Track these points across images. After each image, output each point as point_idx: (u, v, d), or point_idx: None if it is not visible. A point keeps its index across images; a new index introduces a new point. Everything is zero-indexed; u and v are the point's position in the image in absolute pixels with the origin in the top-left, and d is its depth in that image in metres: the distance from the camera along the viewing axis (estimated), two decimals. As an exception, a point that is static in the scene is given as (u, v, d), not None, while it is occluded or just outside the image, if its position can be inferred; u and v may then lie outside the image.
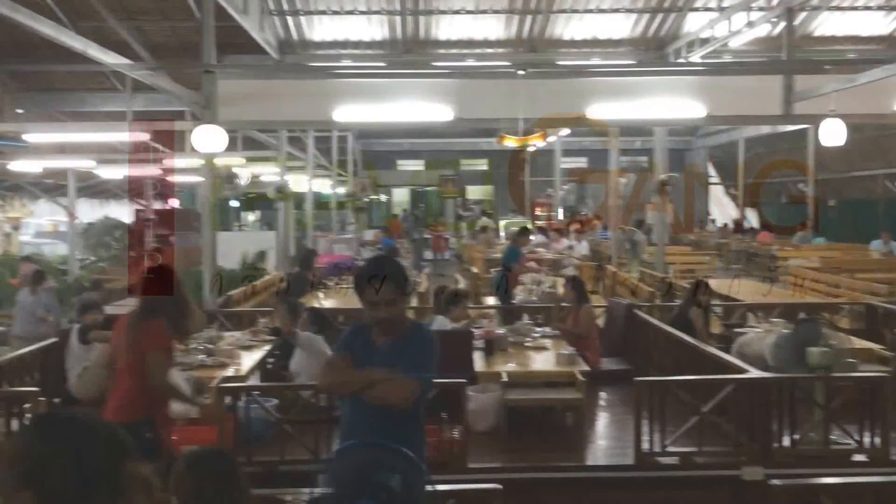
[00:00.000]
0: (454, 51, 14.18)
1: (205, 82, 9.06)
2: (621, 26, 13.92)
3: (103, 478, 1.58)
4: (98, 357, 6.13)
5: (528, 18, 13.51)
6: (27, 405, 4.97)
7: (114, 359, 4.43)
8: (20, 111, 13.42)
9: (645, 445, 5.25)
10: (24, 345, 7.45)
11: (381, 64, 13.51)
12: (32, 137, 11.10)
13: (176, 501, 2.63)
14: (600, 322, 8.49)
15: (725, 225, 23.22)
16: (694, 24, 13.50)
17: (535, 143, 9.32)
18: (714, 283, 9.39)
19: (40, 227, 24.01)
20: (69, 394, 6.42)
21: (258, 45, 11.98)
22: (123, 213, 24.06)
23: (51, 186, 16.96)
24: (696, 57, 12.63)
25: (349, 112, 9.16)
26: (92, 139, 12.30)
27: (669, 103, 9.02)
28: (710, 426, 5.38)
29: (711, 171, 28.28)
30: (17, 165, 12.73)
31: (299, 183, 16.61)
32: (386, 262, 3.68)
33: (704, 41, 12.74)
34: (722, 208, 28.17)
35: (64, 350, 6.65)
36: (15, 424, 4.92)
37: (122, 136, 12.41)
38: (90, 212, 21.79)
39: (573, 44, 14.26)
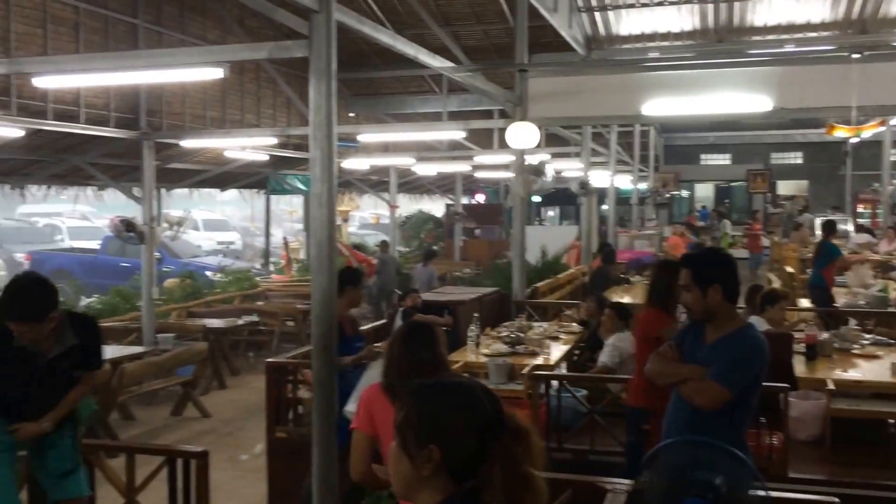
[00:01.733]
0: (771, 37, 13.37)
1: (518, 81, 9.41)
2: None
3: (492, 427, 1.75)
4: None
5: (858, -3, 12.38)
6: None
7: None
8: (352, 114, 14.82)
9: None
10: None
11: (691, 54, 13.10)
12: (363, 138, 12.23)
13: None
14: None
15: None
16: None
17: (867, 132, 8.55)
18: None
19: (364, 219, 26.37)
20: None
21: (565, 42, 12.17)
22: (435, 207, 25.70)
23: (375, 182, 18.53)
24: None
25: (658, 106, 9.01)
26: (412, 138, 13.27)
27: None
28: None
29: None
30: (350, 163, 14.08)
31: (601, 178, 16.63)
32: (690, 257, 3.80)
33: None
34: None
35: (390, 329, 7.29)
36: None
37: (439, 134, 13.26)
38: (407, 205, 23.50)
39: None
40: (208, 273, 16.29)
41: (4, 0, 8.26)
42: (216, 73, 5.40)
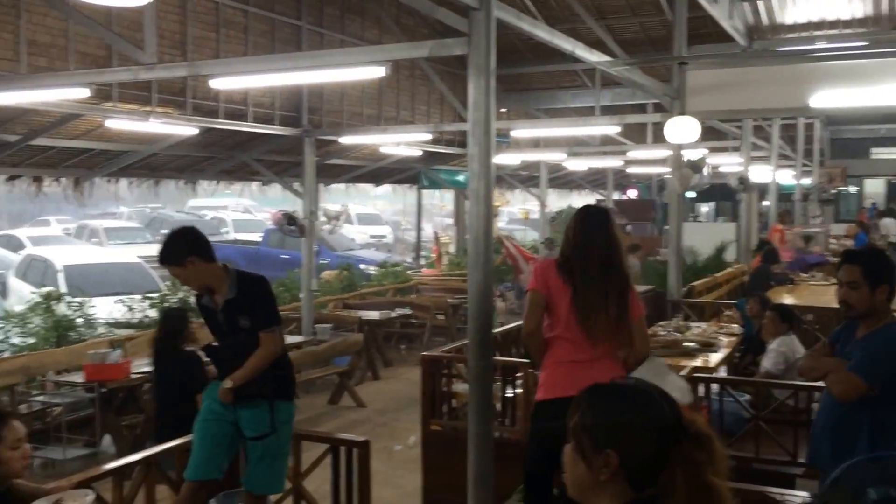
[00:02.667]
0: (955, 22, 12.38)
1: (676, 74, 9.14)
2: None
3: (672, 433, 1.69)
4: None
5: None
6: (519, 374, 5.52)
7: None
8: (503, 110, 14.86)
9: None
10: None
11: (864, 43, 12.31)
12: (515, 133, 12.26)
13: None
14: None
15: None
16: None
17: None
18: None
19: (513, 214, 26.43)
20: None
21: (725, 33, 11.72)
22: (584, 202, 25.42)
23: (525, 178, 18.52)
24: None
25: (828, 97, 8.53)
26: (563, 133, 13.16)
27: None
28: None
29: None
30: (501, 159, 14.14)
31: (761, 173, 15.92)
32: (860, 254, 3.75)
33: None
34: None
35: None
36: (509, 391, 5.49)
37: (591, 129, 13.08)
38: (556, 201, 23.37)
39: None
40: (362, 266, 16.80)
41: (182, 6, 8.81)
42: (378, 72, 5.54)
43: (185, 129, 9.14)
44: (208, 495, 4.27)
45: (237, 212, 33.78)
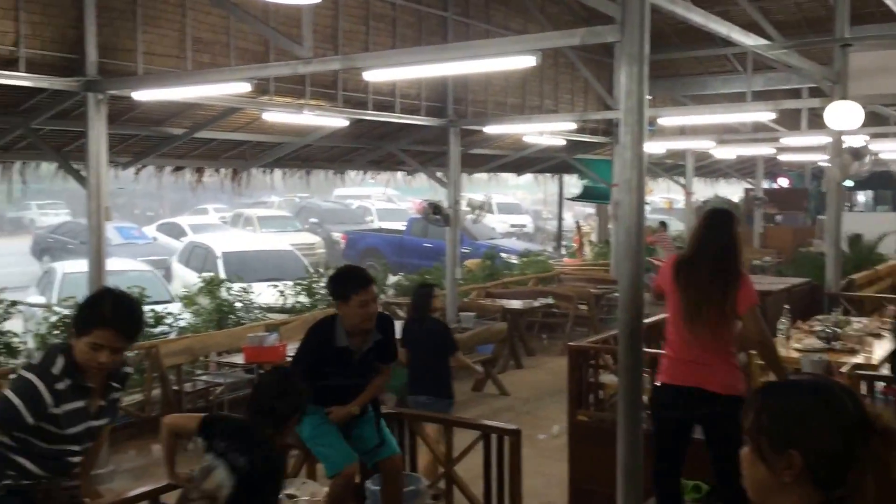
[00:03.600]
0: None
1: (837, 56, 8.66)
2: None
3: (859, 430, 1.61)
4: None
5: None
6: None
7: None
8: (649, 97, 14.49)
9: None
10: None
11: None
12: (662, 121, 11.94)
13: None
14: None
15: None
16: None
17: None
18: None
19: (656, 204, 25.84)
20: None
21: (890, 12, 10.98)
22: (731, 191, 24.50)
23: (669, 166, 18.04)
24: None
25: None
26: (711, 121, 12.72)
27: None
28: None
29: None
30: (646, 147, 13.77)
31: (932, 160, 14.86)
32: None
33: None
34: None
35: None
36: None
37: (743, 116, 12.58)
38: (701, 190, 22.63)
39: None
40: (503, 255, 16.86)
41: (334, 1, 9.08)
42: (529, 62, 5.53)
43: (336, 121, 9.43)
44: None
45: (381, 201, 34.59)
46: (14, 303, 8.53)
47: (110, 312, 3.03)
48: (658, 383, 4.49)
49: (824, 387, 1.71)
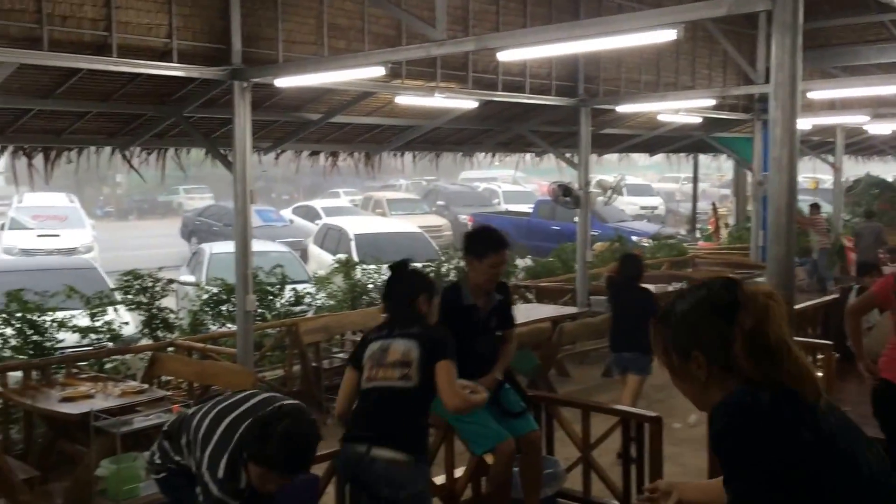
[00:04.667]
0: None
1: None
2: None
3: (726, 310, 1.83)
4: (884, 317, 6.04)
5: None
6: (819, 355, 5.15)
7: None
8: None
9: None
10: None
11: None
12: (811, 95, 11.29)
13: None
14: None
15: None
16: None
17: None
18: None
19: (799, 184, 24.66)
20: (847, 350, 6.47)
21: None
22: (885, 170, 23.05)
23: (815, 143, 17.11)
24: None
25: None
26: (865, 93, 11.96)
27: None
28: None
29: None
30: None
31: None
32: None
33: None
34: None
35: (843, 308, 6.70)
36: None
37: (898, 88, 11.75)
38: (851, 168, 21.38)
39: None
40: (634, 238, 16.49)
41: (467, -19, 9.04)
42: (668, 35, 5.32)
43: (466, 103, 9.42)
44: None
45: (507, 183, 34.51)
46: (170, 281, 9.00)
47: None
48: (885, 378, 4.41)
49: (703, 286, 1.92)
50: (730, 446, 1.74)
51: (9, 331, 7.27)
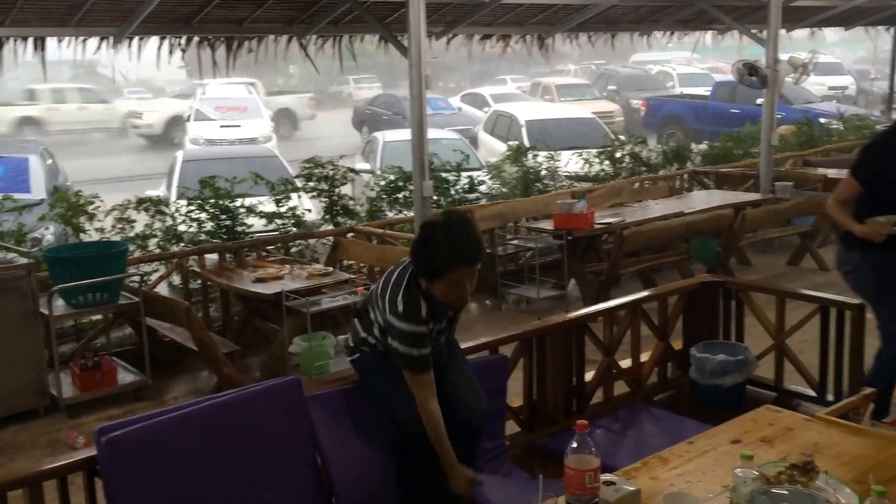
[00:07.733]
0: None
1: None
2: None
3: None
4: None
5: None
6: None
7: None
8: None
9: None
10: None
11: None
12: None
13: None
14: None
15: None
16: None
17: None
18: None
19: None
20: None
21: None
22: None
23: None
24: None
25: None
26: None
27: None
28: None
29: None
30: None
31: None
32: None
33: None
34: None
35: None
36: None
37: None
38: None
39: None
40: (822, 120, 15.36)
41: None
42: None
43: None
44: None
45: (681, 65, 32.83)
46: (350, 170, 9.25)
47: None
48: None
49: None
50: None
51: (203, 215, 7.72)
